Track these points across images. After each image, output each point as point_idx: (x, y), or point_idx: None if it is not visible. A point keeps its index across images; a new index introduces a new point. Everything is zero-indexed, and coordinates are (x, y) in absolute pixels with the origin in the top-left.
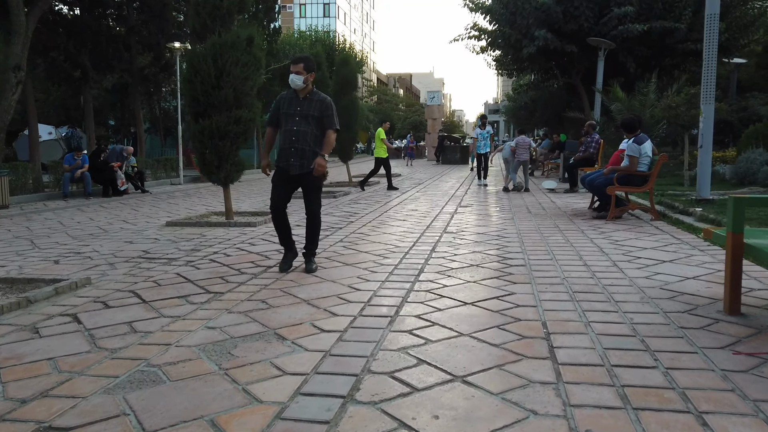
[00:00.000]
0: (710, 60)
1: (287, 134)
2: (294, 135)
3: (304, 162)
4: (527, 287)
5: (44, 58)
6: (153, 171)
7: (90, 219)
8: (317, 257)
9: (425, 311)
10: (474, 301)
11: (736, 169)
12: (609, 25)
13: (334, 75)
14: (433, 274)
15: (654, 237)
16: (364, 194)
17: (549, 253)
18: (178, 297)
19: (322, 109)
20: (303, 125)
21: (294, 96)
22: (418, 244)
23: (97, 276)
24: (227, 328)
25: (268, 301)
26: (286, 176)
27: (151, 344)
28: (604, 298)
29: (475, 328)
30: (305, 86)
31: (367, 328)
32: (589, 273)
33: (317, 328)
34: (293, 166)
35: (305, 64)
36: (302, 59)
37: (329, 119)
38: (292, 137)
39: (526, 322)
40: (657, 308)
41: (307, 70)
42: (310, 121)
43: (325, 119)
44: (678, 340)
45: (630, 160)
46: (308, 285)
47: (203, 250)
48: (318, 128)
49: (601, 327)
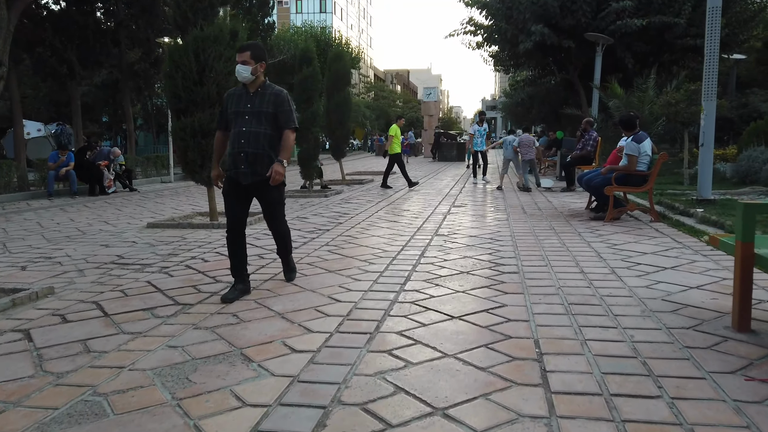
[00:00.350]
0: (712, 55)
1: (236, 136)
2: (244, 137)
3: (257, 169)
4: (519, 298)
5: (30, 54)
6: (143, 168)
7: (71, 220)
8: (298, 263)
9: (408, 327)
10: (461, 315)
11: (738, 168)
12: (607, 19)
13: (327, 70)
14: (420, 282)
15: (654, 240)
16: (356, 193)
17: (544, 258)
18: (144, 310)
19: (276, 104)
20: (254, 125)
21: (243, 91)
22: (407, 248)
23: (63, 284)
24: (190, 348)
25: (239, 315)
26: (239, 187)
27: (102, 367)
28: (601, 311)
29: (461, 347)
30: (255, 78)
31: (343, 347)
32: (585, 281)
33: (288, 347)
34: (244, 174)
35: (252, 51)
36: (249, 46)
37: (286, 116)
38: (241, 140)
39: (516, 341)
40: (659, 323)
41: (255, 59)
42: (263, 120)
43: (280, 116)
44: (683, 363)
45: (629, 159)
46: (285, 295)
47: (180, 255)
48: (273, 128)
49: (598, 346)
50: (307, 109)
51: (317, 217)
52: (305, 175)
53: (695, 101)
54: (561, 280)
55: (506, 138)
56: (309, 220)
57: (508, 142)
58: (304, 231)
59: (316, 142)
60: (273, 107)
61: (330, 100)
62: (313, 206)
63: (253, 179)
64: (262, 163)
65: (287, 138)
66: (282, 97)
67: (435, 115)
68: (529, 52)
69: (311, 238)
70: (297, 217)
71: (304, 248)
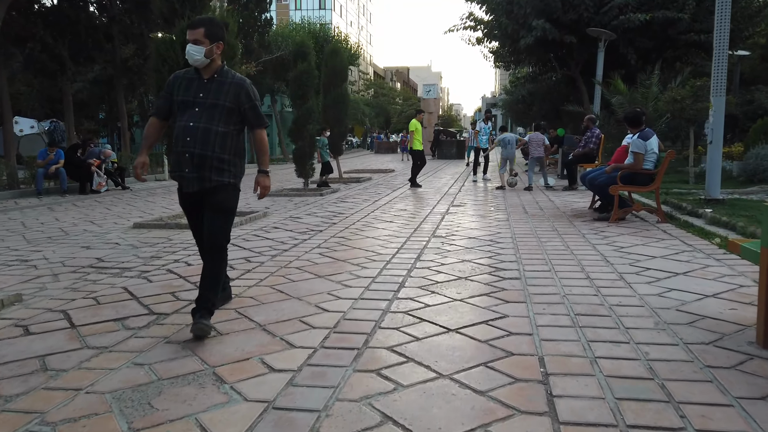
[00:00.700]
0: (721, 49)
1: (182, 133)
2: (190, 134)
3: (205, 175)
4: (522, 308)
5: (21, 49)
6: None
7: (56, 219)
8: (286, 266)
9: (400, 341)
10: (459, 327)
11: (745, 166)
12: (610, 14)
13: (324, 66)
14: (414, 289)
15: (662, 243)
16: (353, 192)
17: (547, 262)
18: (115, 320)
19: (239, 97)
20: (206, 120)
21: (195, 76)
22: (403, 250)
23: (33, 291)
24: (158, 366)
25: (218, 327)
26: (183, 194)
27: (57, 389)
28: (611, 324)
29: (458, 365)
30: (210, 61)
31: (327, 366)
32: (592, 289)
33: (266, 365)
34: (189, 180)
35: (207, 28)
36: (202, 22)
37: (253, 113)
38: (187, 137)
39: (519, 358)
40: (676, 338)
41: (211, 38)
42: (218, 115)
43: (247, 113)
44: (706, 387)
45: (635, 157)
46: (269, 304)
47: (164, 258)
48: (230, 124)
49: (610, 366)
50: (302, 105)
51: (311, 216)
52: (301, 173)
53: (701, 97)
54: (566, 287)
55: (505, 136)
56: (302, 220)
57: (507, 140)
58: (295, 232)
59: (312, 140)
60: (233, 100)
61: (327, 97)
62: (308, 205)
63: (200, 186)
64: (211, 168)
65: (261, 141)
66: (244, 88)
67: (435, 112)
68: (530, 48)
69: (302, 239)
70: (290, 217)
71: (294, 251)
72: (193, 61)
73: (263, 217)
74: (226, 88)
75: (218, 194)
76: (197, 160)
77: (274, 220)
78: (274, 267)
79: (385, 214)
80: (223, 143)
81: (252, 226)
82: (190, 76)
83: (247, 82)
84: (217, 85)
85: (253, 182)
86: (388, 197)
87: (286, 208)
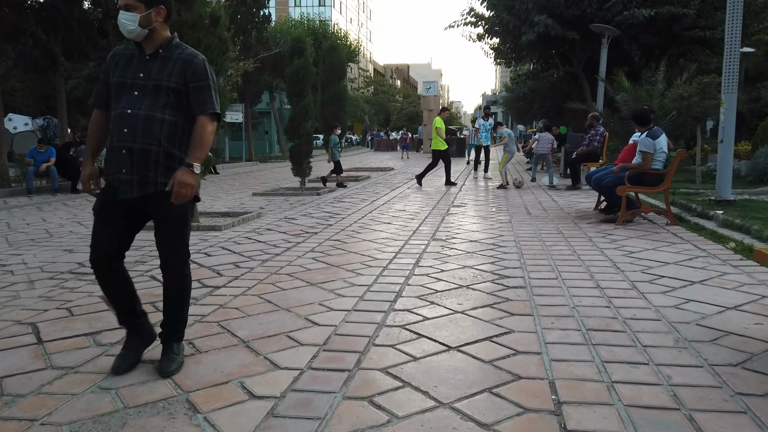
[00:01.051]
0: (733, 43)
1: (118, 122)
2: (128, 124)
3: (148, 175)
4: (528, 321)
5: (13, 45)
6: None
7: (42, 220)
8: (277, 272)
9: (396, 361)
10: (460, 345)
11: (754, 166)
12: (613, 10)
13: (322, 63)
14: (412, 299)
15: (674, 247)
16: (351, 191)
17: (553, 269)
18: (86, 335)
19: (187, 75)
20: (147, 105)
21: (135, 52)
22: (401, 255)
23: (6, 300)
24: (125, 391)
25: (196, 343)
26: (118, 202)
27: (10, 419)
28: (627, 341)
29: (460, 391)
30: (150, 32)
31: (314, 391)
32: (604, 299)
33: (247, 391)
34: (125, 183)
35: None
36: None
37: (202, 95)
38: (123, 128)
39: (527, 383)
40: (699, 358)
41: (147, 3)
42: (163, 98)
43: (193, 95)
44: (740, 420)
45: (643, 156)
46: (255, 316)
47: (148, 263)
48: (180, 111)
49: (629, 392)
50: (299, 102)
51: (306, 217)
52: (297, 171)
53: (709, 95)
54: (575, 297)
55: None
56: (297, 221)
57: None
58: (289, 234)
59: (309, 138)
60: (180, 79)
61: (325, 94)
62: (304, 205)
63: (141, 192)
64: (157, 168)
65: (202, 128)
66: (197, 64)
67: (435, 109)
68: (532, 44)
69: (296, 243)
70: (285, 217)
71: (286, 255)
72: (127, 33)
73: (257, 218)
74: (171, 65)
75: (176, 208)
76: (137, 157)
77: (267, 221)
78: (263, 273)
79: (383, 215)
80: (171, 135)
81: (244, 228)
82: (129, 52)
83: (200, 57)
84: (161, 61)
85: (251, 180)
86: (387, 197)
87: (281, 208)
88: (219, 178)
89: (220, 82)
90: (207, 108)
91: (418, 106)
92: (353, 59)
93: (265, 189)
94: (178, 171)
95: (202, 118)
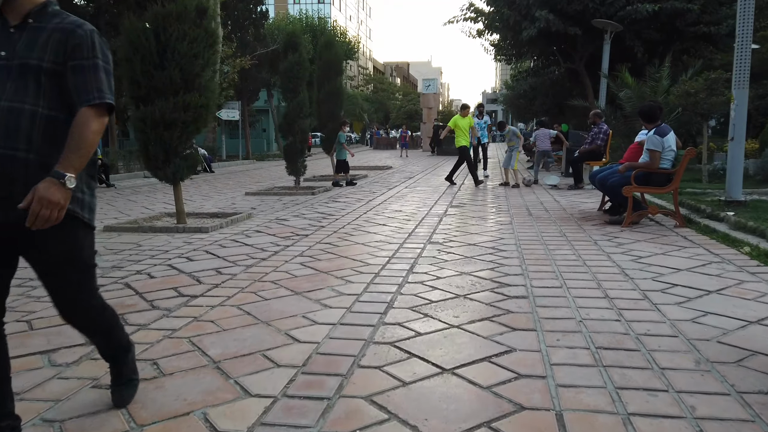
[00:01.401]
0: (745, 36)
1: None
2: None
3: (14, 190)
4: (531, 338)
5: None
6: (126, 162)
7: None
8: (261, 279)
9: (383, 387)
10: (455, 366)
11: (763, 165)
12: (616, 5)
13: (318, 59)
14: (405, 311)
15: (685, 252)
16: (346, 191)
17: (557, 276)
18: (42, 352)
19: (66, 49)
20: (11, 93)
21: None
22: (394, 260)
23: None
24: (71, 424)
25: (161, 363)
26: None
27: None
28: (642, 362)
29: (453, 426)
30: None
31: (287, 426)
32: (613, 312)
33: (209, 424)
34: None
35: None
36: None
37: (84, 78)
38: None
39: (532, 414)
40: (725, 384)
41: None
42: (32, 84)
43: (73, 77)
44: None
45: (651, 155)
46: (231, 331)
47: (126, 268)
48: (59, 103)
49: (649, 428)
50: (293, 98)
51: (298, 218)
52: (292, 170)
53: (716, 91)
54: (582, 308)
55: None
56: (288, 222)
57: (513, 132)
58: (278, 237)
59: (303, 135)
60: (59, 57)
61: (321, 91)
62: (297, 206)
63: (6, 218)
64: (25, 182)
65: (83, 125)
66: (80, 35)
67: (434, 107)
68: (533, 40)
69: (284, 246)
70: (276, 218)
71: (273, 260)
72: None
73: (247, 219)
74: (45, 37)
75: (51, 235)
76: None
77: (257, 223)
78: (246, 281)
79: (378, 216)
80: (49, 137)
81: (233, 230)
82: None
83: (86, 27)
84: (30, 33)
85: (246, 179)
86: (383, 197)
87: (273, 208)
88: (213, 176)
89: (208, 76)
90: (92, 97)
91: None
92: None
93: (259, 188)
94: (41, 183)
95: (85, 111)
